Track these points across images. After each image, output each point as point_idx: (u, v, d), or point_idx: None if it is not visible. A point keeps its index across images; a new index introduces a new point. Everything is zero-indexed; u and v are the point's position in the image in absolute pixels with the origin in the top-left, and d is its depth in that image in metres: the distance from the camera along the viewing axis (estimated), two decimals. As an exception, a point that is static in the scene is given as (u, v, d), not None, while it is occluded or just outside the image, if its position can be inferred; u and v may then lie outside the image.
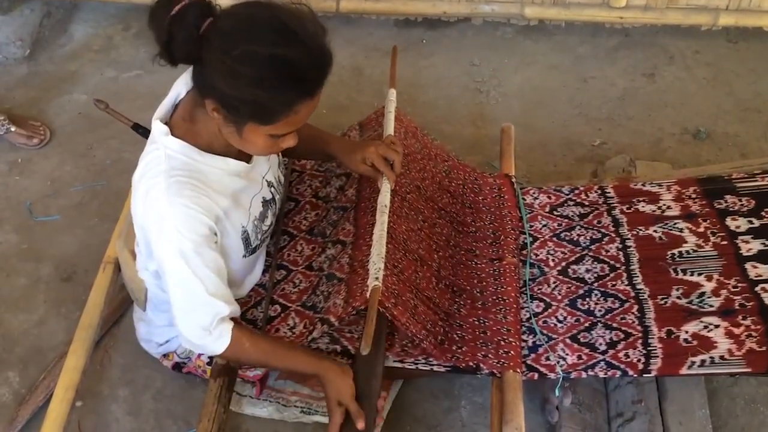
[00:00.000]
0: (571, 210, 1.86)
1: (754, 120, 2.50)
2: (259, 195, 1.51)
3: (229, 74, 1.17)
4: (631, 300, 1.64)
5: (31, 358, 1.87)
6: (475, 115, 2.54)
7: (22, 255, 2.13)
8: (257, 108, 1.22)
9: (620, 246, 1.75)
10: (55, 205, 2.26)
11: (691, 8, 2.66)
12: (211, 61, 1.18)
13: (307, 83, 1.22)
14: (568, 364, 1.54)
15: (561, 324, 1.62)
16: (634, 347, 1.55)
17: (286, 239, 1.73)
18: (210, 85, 1.22)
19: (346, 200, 1.74)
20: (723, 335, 1.54)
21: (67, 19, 2.97)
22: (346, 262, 1.57)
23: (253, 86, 1.18)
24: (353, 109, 2.54)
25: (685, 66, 2.70)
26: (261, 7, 1.20)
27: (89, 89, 2.66)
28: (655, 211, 1.82)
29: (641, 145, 2.41)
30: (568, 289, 1.69)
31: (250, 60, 1.16)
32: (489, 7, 2.73)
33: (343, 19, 2.88)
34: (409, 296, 1.49)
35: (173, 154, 1.33)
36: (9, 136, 2.39)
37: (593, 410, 1.64)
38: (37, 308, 1.99)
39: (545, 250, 1.78)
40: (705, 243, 1.72)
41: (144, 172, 1.35)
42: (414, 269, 1.56)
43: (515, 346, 1.54)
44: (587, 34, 2.82)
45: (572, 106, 2.57)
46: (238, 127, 1.27)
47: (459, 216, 1.78)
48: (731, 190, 1.84)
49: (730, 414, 1.74)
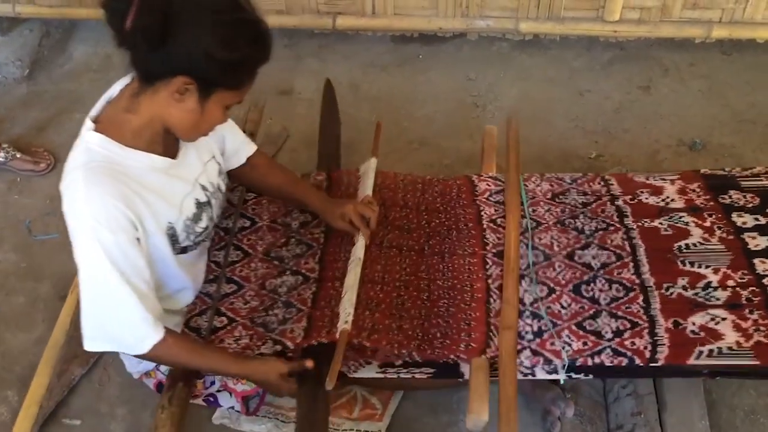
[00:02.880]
0: (574, 198, 1.84)
1: (749, 131, 2.51)
2: (191, 195, 1.51)
3: (216, 40, 1.24)
4: (636, 289, 1.62)
5: (30, 377, 1.85)
6: (472, 128, 2.55)
7: (21, 274, 2.13)
8: (235, 70, 1.29)
9: (625, 236, 1.73)
10: (54, 223, 2.27)
11: (685, 21, 2.68)
12: (186, 36, 1.23)
13: (267, 44, 1.31)
14: (573, 350, 1.52)
15: (565, 310, 1.59)
16: (640, 336, 1.52)
17: (239, 254, 1.74)
18: (180, 61, 1.25)
19: (312, 239, 1.77)
20: (731, 328, 1.52)
21: (66, 39, 3.00)
22: (309, 296, 1.63)
23: (238, 47, 1.26)
24: (350, 124, 2.56)
25: (680, 78, 2.72)
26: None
27: (88, 108, 2.65)
28: (659, 203, 1.81)
29: (637, 157, 2.43)
30: (573, 274, 1.66)
31: (233, 24, 1.25)
32: (484, 23, 2.75)
33: (340, 35, 2.90)
34: (389, 321, 1.55)
35: (93, 147, 1.34)
36: (14, 163, 2.40)
37: (594, 422, 1.64)
38: (36, 327, 2.00)
39: (549, 235, 1.75)
40: (711, 236, 1.71)
41: (67, 168, 1.36)
42: (397, 294, 1.62)
43: (479, 336, 1.54)
44: (582, 48, 2.85)
45: (568, 119, 2.58)
46: (205, 100, 1.31)
47: (442, 227, 1.80)
48: (735, 186, 1.83)
49: (730, 425, 1.73)
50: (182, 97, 1.30)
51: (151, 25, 1.20)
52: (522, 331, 1.56)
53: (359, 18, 2.79)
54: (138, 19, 1.19)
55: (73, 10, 2.87)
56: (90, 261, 1.33)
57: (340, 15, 2.79)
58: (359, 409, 1.77)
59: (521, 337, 1.55)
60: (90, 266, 1.33)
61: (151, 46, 1.23)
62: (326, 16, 2.79)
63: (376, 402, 1.78)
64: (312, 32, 2.91)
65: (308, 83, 2.77)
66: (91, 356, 1.87)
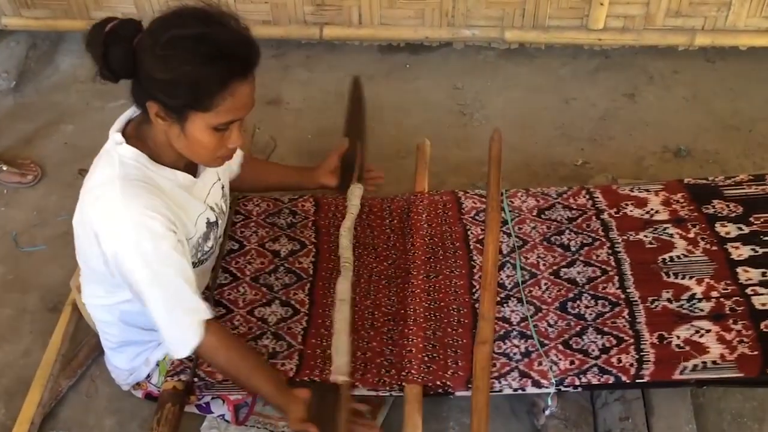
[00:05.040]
0: (560, 213, 1.86)
1: (733, 137, 2.53)
2: (204, 215, 1.52)
3: (162, 61, 1.22)
4: (621, 303, 1.63)
5: (17, 390, 1.85)
6: (460, 137, 2.57)
7: (8, 285, 2.12)
8: (193, 91, 1.24)
9: (610, 251, 1.75)
10: (41, 235, 2.26)
11: (668, 29, 2.71)
12: (144, 61, 1.24)
13: (236, 61, 1.25)
14: (560, 369, 1.53)
15: (552, 328, 1.61)
16: (626, 352, 1.54)
17: (227, 277, 1.75)
18: (147, 89, 1.27)
19: (301, 269, 1.78)
20: (715, 340, 1.54)
21: (53, 50, 3.00)
22: (300, 332, 1.65)
23: (185, 65, 1.22)
24: (338, 134, 2.54)
25: (664, 86, 2.75)
26: (184, 6, 1.28)
27: (75, 120, 2.67)
28: (644, 215, 1.83)
29: (623, 163, 2.44)
30: (559, 291, 1.68)
31: (178, 42, 1.22)
32: (470, 32, 2.77)
33: (327, 45, 2.92)
34: (380, 359, 1.59)
35: (127, 161, 1.35)
36: (1, 175, 2.39)
37: (579, 426, 1.64)
38: (23, 339, 1.98)
39: (535, 253, 1.77)
40: (695, 248, 1.73)
41: (96, 181, 1.37)
42: (387, 329, 1.66)
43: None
44: (568, 56, 2.87)
45: (554, 127, 2.60)
46: (181, 124, 1.30)
47: (427, 246, 1.82)
48: (719, 195, 1.85)
49: (717, 429, 1.74)
50: (164, 123, 1.31)
51: (116, 55, 1.25)
52: (510, 352, 1.58)
53: (346, 28, 2.81)
54: (104, 47, 1.24)
55: (59, 21, 2.87)
56: (134, 267, 1.34)
57: (327, 25, 2.80)
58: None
59: (509, 358, 1.57)
60: (135, 272, 1.35)
61: (123, 77, 1.28)
62: (313, 26, 2.80)
63: (365, 411, 1.77)
64: (299, 42, 2.92)
65: (296, 93, 2.78)
66: (78, 367, 1.86)
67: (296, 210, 1.93)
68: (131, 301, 1.46)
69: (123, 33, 1.24)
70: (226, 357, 1.44)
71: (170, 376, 1.59)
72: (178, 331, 1.41)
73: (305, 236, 1.86)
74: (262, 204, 1.94)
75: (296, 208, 1.93)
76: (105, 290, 1.53)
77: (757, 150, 2.48)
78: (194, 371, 1.59)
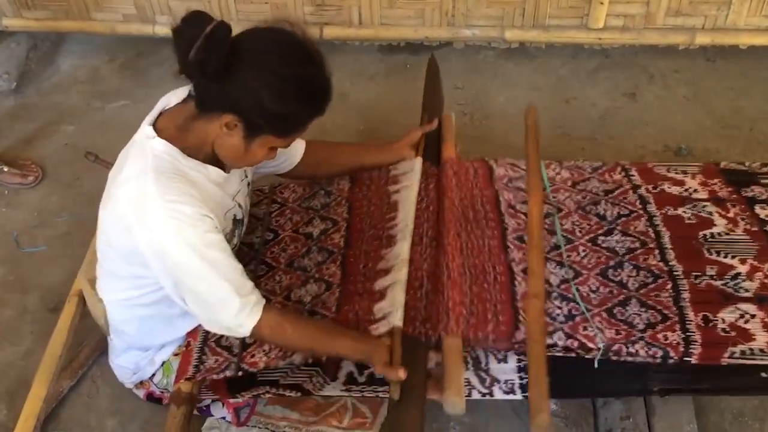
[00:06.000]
0: (595, 186, 1.82)
1: (733, 136, 2.53)
2: (231, 212, 1.53)
3: (276, 94, 1.28)
4: (664, 276, 1.58)
5: (18, 391, 1.85)
6: (460, 137, 2.55)
7: (9, 286, 2.12)
8: (283, 122, 1.34)
9: (648, 223, 1.70)
10: (42, 235, 2.26)
11: (668, 28, 2.71)
12: (244, 78, 1.27)
13: (324, 102, 1.36)
14: (606, 337, 1.47)
15: (594, 294, 1.56)
16: (672, 330, 1.49)
17: (263, 269, 1.74)
18: (232, 100, 1.29)
19: (333, 245, 1.75)
20: (761, 328, 1.50)
21: (54, 51, 3.00)
22: (333, 303, 1.61)
23: (295, 104, 1.31)
24: (338, 134, 2.57)
25: (664, 85, 2.75)
26: (285, 32, 1.32)
27: (76, 120, 2.67)
28: (682, 192, 1.80)
29: (624, 163, 2.44)
30: (599, 258, 1.63)
31: (294, 81, 1.29)
32: (470, 32, 2.77)
33: (328, 45, 2.91)
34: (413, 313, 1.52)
35: (159, 155, 1.36)
36: (2, 177, 2.40)
37: (580, 425, 1.64)
38: (24, 339, 1.98)
39: (569, 220, 1.72)
40: (735, 227, 1.69)
41: (129, 174, 1.37)
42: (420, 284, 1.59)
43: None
44: (568, 56, 2.87)
45: (555, 126, 2.60)
46: (251, 140, 1.34)
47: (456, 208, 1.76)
48: (756, 181, 1.83)
49: (718, 429, 1.74)
50: (230, 131, 1.33)
51: (212, 61, 1.23)
52: (552, 313, 1.52)
53: (346, 28, 2.81)
54: (202, 51, 1.22)
55: (60, 23, 2.87)
56: (180, 257, 1.34)
57: (327, 25, 2.80)
58: (349, 418, 1.76)
59: (552, 319, 1.51)
60: (181, 261, 1.35)
61: (208, 80, 1.27)
62: (313, 26, 2.80)
63: (367, 411, 1.77)
64: (300, 42, 2.92)
65: (296, 93, 2.77)
66: (80, 368, 1.86)
67: (331, 190, 1.89)
68: (151, 303, 1.48)
69: (221, 36, 1.23)
70: (294, 328, 1.44)
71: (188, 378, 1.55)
72: (232, 312, 1.39)
73: (338, 213, 1.82)
74: (298, 189, 1.91)
75: (332, 188, 1.89)
76: (126, 286, 1.52)
77: (758, 149, 2.48)
78: (238, 365, 1.54)
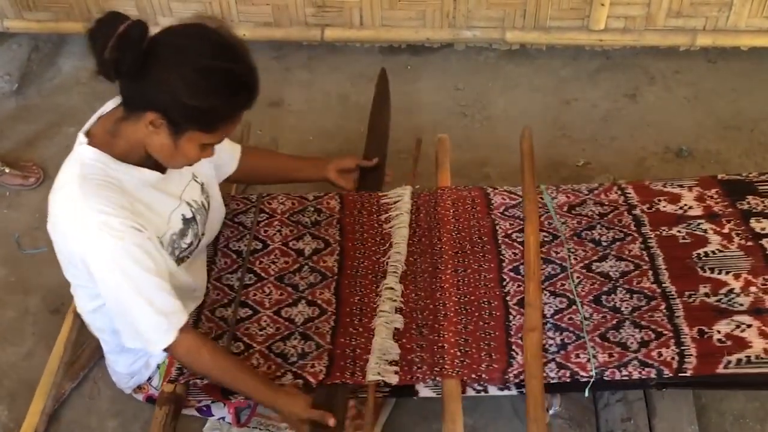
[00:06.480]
0: (591, 209, 1.84)
1: (734, 137, 2.53)
2: (178, 211, 1.53)
3: (192, 88, 1.26)
4: (657, 297, 1.60)
5: (19, 392, 1.86)
6: (461, 138, 2.56)
7: (10, 287, 2.13)
8: (205, 116, 1.30)
9: (643, 246, 1.72)
10: (43, 237, 2.23)
11: (669, 29, 2.71)
12: (160, 75, 1.26)
13: (250, 94, 1.33)
14: (599, 362, 1.50)
15: (587, 321, 1.58)
16: (666, 346, 1.51)
17: (252, 278, 1.74)
18: (152, 98, 1.28)
19: (326, 268, 1.76)
20: (757, 335, 1.51)
21: (55, 52, 3.00)
22: (328, 331, 1.63)
23: (213, 97, 1.28)
24: (340, 135, 2.57)
25: (665, 86, 2.75)
26: (202, 27, 1.30)
27: (78, 122, 2.65)
28: (677, 210, 1.81)
29: (625, 164, 2.44)
30: (592, 285, 1.65)
31: (210, 73, 1.26)
32: (471, 33, 2.77)
33: (329, 47, 2.92)
34: (410, 356, 1.58)
35: (88, 162, 1.36)
36: (3, 178, 2.40)
37: (582, 426, 1.64)
38: (26, 341, 1.99)
39: (566, 248, 1.75)
40: (729, 243, 1.71)
41: (61, 182, 1.38)
42: (415, 324, 1.64)
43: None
44: (569, 57, 2.87)
45: (556, 127, 2.60)
46: (177, 137, 1.33)
47: (454, 241, 1.79)
48: (753, 191, 1.83)
49: (719, 430, 1.74)
50: (156, 129, 1.32)
51: (126, 60, 1.23)
52: (545, 344, 1.55)
53: (347, 30, 2.81)
54: (115, 50, 1.22)
55: (61, 24, 2.88)
56: (100, 269, 1.35)
57: (328, 27, 2.80)
58: (350, 419, 1.76)
59: (545, 350, 1.54)
60: (102, 272, 1.36)
61: (126, 80, 1.28)
62: (314, 28, 2.80)
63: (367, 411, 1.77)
64: (301, 44, 2.92)
65: (297, 95, 2.78)
66: (81, 369, 1.86)
67: (321, 208, 1.90)
68: None
69: (135, 35, 1.23)
70: (212, 356, 1.45)
71: (170, 381, 1.58)
72: (148, 327, 1.40)
73: (329, 234, 1.84)
74: (287, 202, 1.92)
75: (321, 206, 1.91)
76: (88, 295, 1.53)
77: (759, 150, 2.48)
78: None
